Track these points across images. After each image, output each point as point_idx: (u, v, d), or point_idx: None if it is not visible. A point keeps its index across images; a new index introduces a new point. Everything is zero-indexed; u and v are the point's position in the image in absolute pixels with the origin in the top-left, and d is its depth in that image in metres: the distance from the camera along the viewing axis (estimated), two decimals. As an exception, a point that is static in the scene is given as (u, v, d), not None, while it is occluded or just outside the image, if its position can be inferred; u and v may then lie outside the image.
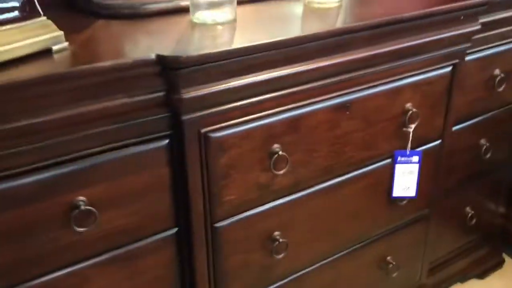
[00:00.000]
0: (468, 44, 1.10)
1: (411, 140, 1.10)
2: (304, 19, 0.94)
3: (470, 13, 1.05)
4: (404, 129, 1.09)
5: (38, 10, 0.70)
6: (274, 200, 0.96)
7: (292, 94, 0.89)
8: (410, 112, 1.07)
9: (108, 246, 0.81)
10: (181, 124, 0.79)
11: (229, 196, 0.89)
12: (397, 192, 1.14)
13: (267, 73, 0.83)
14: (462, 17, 1.04)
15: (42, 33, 0.69)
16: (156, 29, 0.87)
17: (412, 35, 0.99)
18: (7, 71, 0.64)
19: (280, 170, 0.92)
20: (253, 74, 0.82)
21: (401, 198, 1.16)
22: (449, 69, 1.11)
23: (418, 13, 0.95)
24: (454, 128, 1.24)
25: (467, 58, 1.16)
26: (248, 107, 0.85)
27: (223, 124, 0.83)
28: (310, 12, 0.98)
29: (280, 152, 0.90)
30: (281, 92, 0.87)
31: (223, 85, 0.79)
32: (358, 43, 0.92)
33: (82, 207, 0.74)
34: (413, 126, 1.08)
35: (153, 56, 0.71)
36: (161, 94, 0.76)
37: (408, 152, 1.11)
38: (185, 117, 0.78)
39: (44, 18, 0.70)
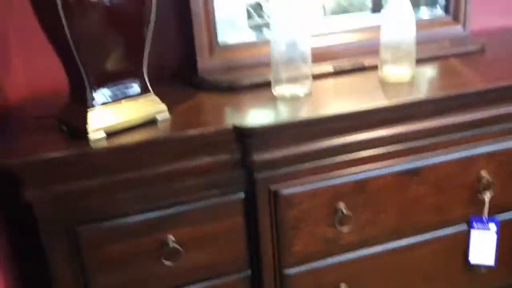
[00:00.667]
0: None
1: (488, 207, 1.12)
2: (375, 93, 1.04)
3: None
4: (479, 196, 1.11)
5: (149, 89, 0.92)
6: (341, 253, 1.06)
7: (358, 159, 1.00)
8: (484, 179, 1.09)
9: (190, 280, 0.98)
10: (254, 181, 0.94)
11: (297, 247, 1.01)
12: (474, 259, 1.15)
13: (331, 140, 0.96)
14: (540, 90, 1.06)
15: (151, 107, 0.91)
16: (243, 101, 1.05)
17: (482, 108, 1.04)
18: (123, 136, 0.86)
19: (345, 226, 1.01)
20: (318, 140, 0.95)
21: (479, 266, 1.16)
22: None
23: (481, 89, 1.00)
24: (543, 198, 1.21)
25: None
26: (315, 169, 0.97)
27: (291, 182, 0.96)
28: (382, 85, 1.08)
29: (345, 211, 1.00)
30: (347, 156, 0.99)
31: (289, 150, 0.93)
32: (422, 115, 1.00)
33: (171, 245, 0.92)
34: (488, 193, 1.10)
35: (230, 126, 0.89)
36: (238, 156, 0.92)
37: (485, 219, 1.13)
38: (257, 176, 0.94)
39: (152, 94, 0.92)
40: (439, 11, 1.36)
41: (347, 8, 1.33)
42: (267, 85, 1.09)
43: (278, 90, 1.04)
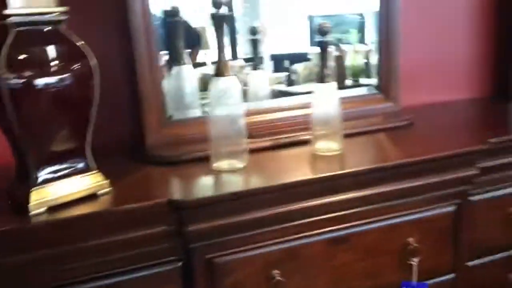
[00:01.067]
0: (469, 186, 1.21)
1: (418, 272, 1.19)
2: (305, 166, 1.14)
3: (465, 160, 1.18)
4: (408, 262, 1.18)
5: (93, 166, 1.00)
6: (278, 321, 1.10)
7: (289, 227, 1.07)
8: (411, 246, 1.17)
9: None
10: (189, 251, 1.00)
11: (234, 314, 1.06)
12: (407, 323, 1.21)
13: (262, 211, 1.03)
14: (457, 163, 1.17)
15: (93, 182, 0.98)
16: (185, 175, 1.13)
17: (407, 178, 1.14)
18: (64, 211, 0.93)
19: (281, 294, 1.07)
20: (249, 212, 1.02)
21: (413, 330, 1.22)
22: (451, 208, 1.21)
23: (400, 162, 1.11)
24: (472, 262, 1.29)
25: (475, 197, 1.25)
26: (249, 238, 1.04)
27: (226, 252, 1.03)
28: (313, 159, 1.19)
29: (279, 278, 1.06)
30: (277, 226, 1.06)
31: (224, 220, 1.00)
32: (347, 186, 1.09)
33: (107, 315, 0.96)
34: (416, 259, 1.18)
35: (165, 200, 0.96)
36: (174, 227, 0.99)
37: (414, 284, 1.20)
38: (192, 246, 1.00)
39: (95, 170, 1.00)
40: (373, 90, 1.50)
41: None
42: (207, 159, 1.18)
43: (216, 164, 1.13)
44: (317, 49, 1.18)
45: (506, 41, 1.64)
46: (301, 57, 1.50)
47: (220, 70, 1.09)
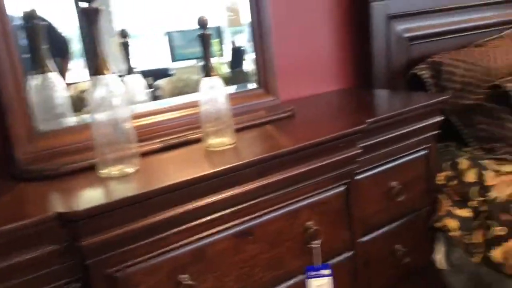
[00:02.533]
0: (355, 166, 1.28)
1: (320, 254, 1.22)
2: (200, 163, 1.10)
3: (348, 140, 1.24)
4: (309, 245, 1.20)
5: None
6: (190, 328, 1.04)
7: (193, 227, 1.02)
8: (311, 230, 1.20)
9: None
10: (87, 268, 0.90)
11: (143, 330, 0.97)
12: (315, 306, 1.23)
13: (164, 214, 0.97)
14: (341, 145, 1.23)
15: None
16: (68, 187, 1.02)
17: (298, 165, 1.16)
18: None
19: (189, 299, 1.01)
20: (151, 216, 0.95)
21: (322, 312, 1.24)
22: (342, 188, 1.27)
23: (294, 148, 1.13)
24: (364, 238, 1.36)
25: (361, 176, 1.33)
26: (152, 244, 0.97)
27: (127, 263, 0.94)
28: (207, 155, 1.15)
29: (188, 282, 1.00)
30: (183, 227, 1.00)
31: (122, 229, 0.91)
32: (247, 177, 1.08)
33: None
34: (317, 242, 1.21)
35: (53, 213, 0.84)
36: (65, 244, 0.88)
37: (318, 266, 1.22)
38: (89, 261, 0.89)
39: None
40: (254, 85, 1.51)
41: (182, 89, 1.43)
42: (92, 168, 1.08)
43: (104, 171, 1.04)
44: (199, 43, 1.15)
45: (363, 36, 1.79)
46: (163, 73, 1.45)
47: (99, 67, 1.00)
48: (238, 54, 1.57)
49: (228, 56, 1.56)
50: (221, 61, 1.56)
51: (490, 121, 1.69)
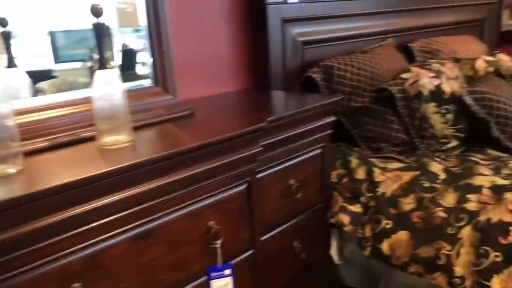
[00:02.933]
0: (256, 164, 1.28)
1: (222, 254, 1.20)
2: (95, 161, 1.02)
3: (249, 139, 1.24)
4: (212, 246, 1.18)
5: None
6: None
7: (86, 232, 0.94)
8: (214, 229, 1.17)
9: None
10: (-39, 281, 0.78)
11: None
12: (217, 307, 1.20)
13: (53, 217, 0.88)
14: (242, 143, 1.22)
15: None
16: None
17: (199, 163, 1.13)
18: None
19: (84, 309, 0.93)
20: (39, 219, 0.86)
21: (223, 313, 1.22)
22: (243, 186, 1.26)
23: (195, 145, 1.09)
24: (264, 237, 1.37)
25: (262, 174, 1.34)
26: (39, 251, 0.87)
27: (11, 273, 0.84)
28: (102, 153, 1.07)
29: (81, 291, 0.92)
30: (74, 231, 0.92)
31: (4, 235, 0.81)
32: (146, 176, 1.02)
33: None
34: (219, 242, 1.18)
35: None
36: None
37: (219, 267, 1.20)
38: (-36, 274, 0.78)
39: None
40: (148, 83, 1.45)
41: (72, 85, 1.31)
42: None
43: (-18, 171, 0.92)
44: (92, 33, 1.08)
45: (260, 38, 1.81)
46: (46, 75, 1.34)
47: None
48: (129, 56, 1.50)
49: (118, 59, 1.47)
50: (111, 65, 1.47)
51: (376, 122, 1.81)
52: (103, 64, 1.07)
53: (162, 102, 1.43)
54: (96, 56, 1.23)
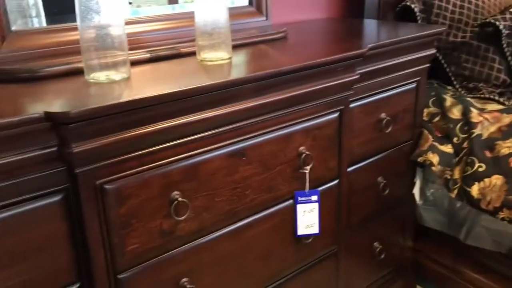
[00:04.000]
0: (351, 92, 1.23)
1: (309, 180, 1.19)
2: (196, 75, 1.02)
3: (348, 65, 1.18)
4: (301, 170, 1.17)
5: None
6: (179, 246, 1.00)
7: (187, 143, 0.95)
8: (304, 155, 1.16)
9: (4, 306, 0.80)
10: (75, 177, 0.82)
11: (131, 246, 0.92)
12: (301, 230, 1.21)
13: (158, 125, 0.89)
14: (340, 69, 1.17)
15: None
16: (52, 90, 0.92)
17: (296, 86, 1.10)
18: None
19: (182, 216, 0.96)
20: (144, 126, 0.87)
21: (306, 236, 1.23)
22: (336, 115, 1.22)
23: (295, 66, 1.06)
24: (350, 168, 1.34)
25: (354, 104, 1.29)
26: (143, 157, 0.89)
27: (118, 175, 0.87)
28: (203, 68, 1.07)
29: (180, 199, 0.95)
30: (176, 141, 0.93)
31: (114, 138, 0.83)
32: (245, 94, 1.01)
33: (-26, 267, 0.74)
34: (308, 167, 1.17)
35: (40, 113, 0.75)
36: (54, 149, 0.79)
37: (307, 192, 1.20)
38: (79, 170, 0.82)
39: None
40: (244, 2, 1.41)
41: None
42: (78, 72, 0.98)
43: (92, 76, 0.94)
44: None
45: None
46: None
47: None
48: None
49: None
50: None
51: (475, 60, 1.68)
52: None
53: (256, 24, 1.39)
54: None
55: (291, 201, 1.19)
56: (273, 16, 1.48)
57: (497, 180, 1.40)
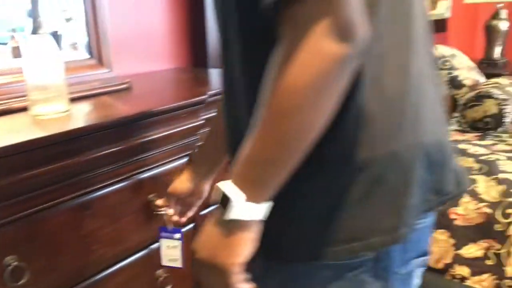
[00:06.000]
0: (196, 138, 1.27)
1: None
2: (29, 129, 0.97)
3: (191, 111, 1.23)
4: (157, 212, 1.14)
5: None
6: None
7: (23, 201, 0.89)
8: (154, 202, 1.15)
9: None
10: None
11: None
12: (165, 262, 1.16)
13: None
14: (184, 115, 1.21)
15: None
16: None
17: (141, 134, 1.10)
18: None
19: (19, 281, 0.88)
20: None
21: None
22: (184, 160, 1.25)
23: (136, 114, 1.07)
24: (203, 212, 1.37)
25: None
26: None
27: None
28: (38, 122, 1.02)
29: (16, 263, 0.88)
30: (7, 202, 0.87)
31: None
32: (84, 146, 0.98)
33: None
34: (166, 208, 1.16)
35: None
36: None
37: (169, 229, 1.16)
38: None
39: None
40: (84, 55, 1.39)
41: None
42: None
43: None
44: None
45: (197, 14, 1.79)
46: None
47: None
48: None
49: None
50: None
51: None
52: (37, 27, 1.01)
53: (98, 76, 1.38)
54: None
55: (145, 251, 1.16)
56: (119, 68, 1.48)
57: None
